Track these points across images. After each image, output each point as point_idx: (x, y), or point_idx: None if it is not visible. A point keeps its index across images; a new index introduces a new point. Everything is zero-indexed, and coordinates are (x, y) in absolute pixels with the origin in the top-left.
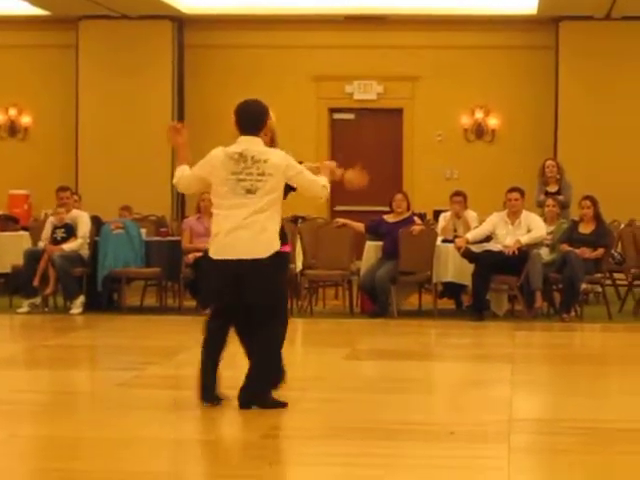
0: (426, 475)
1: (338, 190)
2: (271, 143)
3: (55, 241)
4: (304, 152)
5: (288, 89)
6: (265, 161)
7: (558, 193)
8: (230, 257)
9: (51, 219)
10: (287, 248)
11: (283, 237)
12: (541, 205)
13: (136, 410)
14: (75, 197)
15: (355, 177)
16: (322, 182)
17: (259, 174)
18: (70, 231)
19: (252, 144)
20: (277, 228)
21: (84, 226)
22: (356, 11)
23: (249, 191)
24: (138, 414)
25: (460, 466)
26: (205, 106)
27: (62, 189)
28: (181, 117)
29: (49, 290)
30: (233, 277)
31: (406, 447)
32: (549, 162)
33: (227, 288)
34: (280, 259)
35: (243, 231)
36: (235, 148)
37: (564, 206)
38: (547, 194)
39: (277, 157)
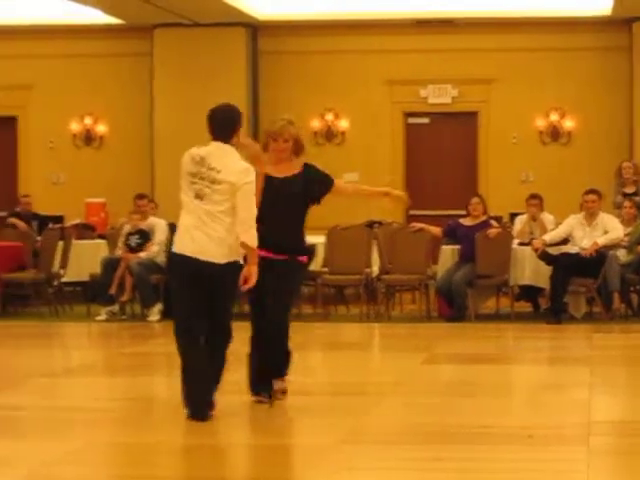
0: (505, 479)
1: (413, 194)
2: (295, 152)
3: (129, 247)
4: (379, 157)
5: (362, 94)
6: (218, 172)
7: (635, 194)
8: (188, 254)
9: (126, 226)
10: (304, 259)
11: (307, 248)
12: (618, 207)
13: (213, 416)
14: (152, 205)
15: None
16: (253, 232)
17: (210, 181)
18: (144, 237)
19: (218, 150)
20: (232, 238)
21: (161, 233)
22: (428, 15)
23: (197, 196)
24: (214, 420)
25: (539, 469)
26: (279, 112)
27: (140, 197)
28: (255, 123)
29: (125, 297)
30: (191, 275)
31: (484, 451)
32: (626, 164)
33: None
34: (237, 269)
35: (196, 232)
36: (201, 151)
37: None
38: (624, 195)
39: (231, 172)
